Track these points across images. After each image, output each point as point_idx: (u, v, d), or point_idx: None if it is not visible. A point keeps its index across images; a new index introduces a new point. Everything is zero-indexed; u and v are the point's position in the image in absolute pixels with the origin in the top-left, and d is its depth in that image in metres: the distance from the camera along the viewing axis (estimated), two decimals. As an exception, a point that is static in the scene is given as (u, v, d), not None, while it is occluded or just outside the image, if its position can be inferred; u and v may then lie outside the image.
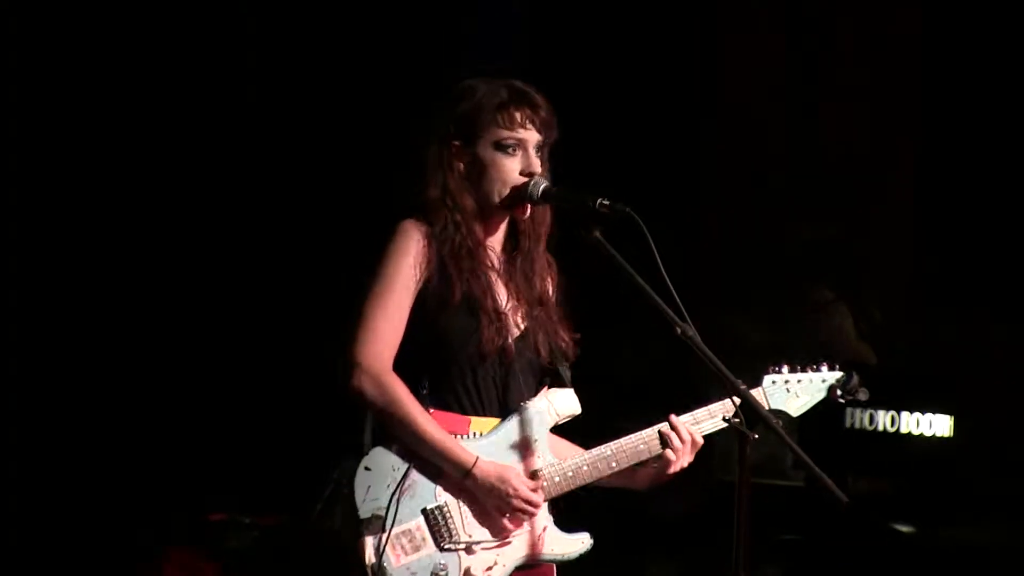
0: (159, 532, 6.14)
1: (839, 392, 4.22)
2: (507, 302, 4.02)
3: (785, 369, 4.18)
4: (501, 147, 3.98)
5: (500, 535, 3.94)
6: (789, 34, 8.18)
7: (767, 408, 4.10)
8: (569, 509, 4.07)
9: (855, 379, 4.22)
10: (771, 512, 6.66)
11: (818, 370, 4.22)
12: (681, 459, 4.03)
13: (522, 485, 3.91)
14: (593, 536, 4.05)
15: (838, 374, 4.23)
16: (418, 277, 3.92)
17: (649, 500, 7.14)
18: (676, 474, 4.06)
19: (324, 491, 3.91)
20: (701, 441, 4.06)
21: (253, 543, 6.03)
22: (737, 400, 3.80)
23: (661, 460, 4.05)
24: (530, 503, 3.92)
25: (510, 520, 3.93)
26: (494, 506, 3.91)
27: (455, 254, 3.94)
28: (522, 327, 4.02)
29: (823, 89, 8.08)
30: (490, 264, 4.02)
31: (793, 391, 4.19)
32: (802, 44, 8.13)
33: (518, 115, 3.98)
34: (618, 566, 6.85)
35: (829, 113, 8.09)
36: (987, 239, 7.57)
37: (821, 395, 4.23)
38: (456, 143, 3.99)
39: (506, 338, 3.96)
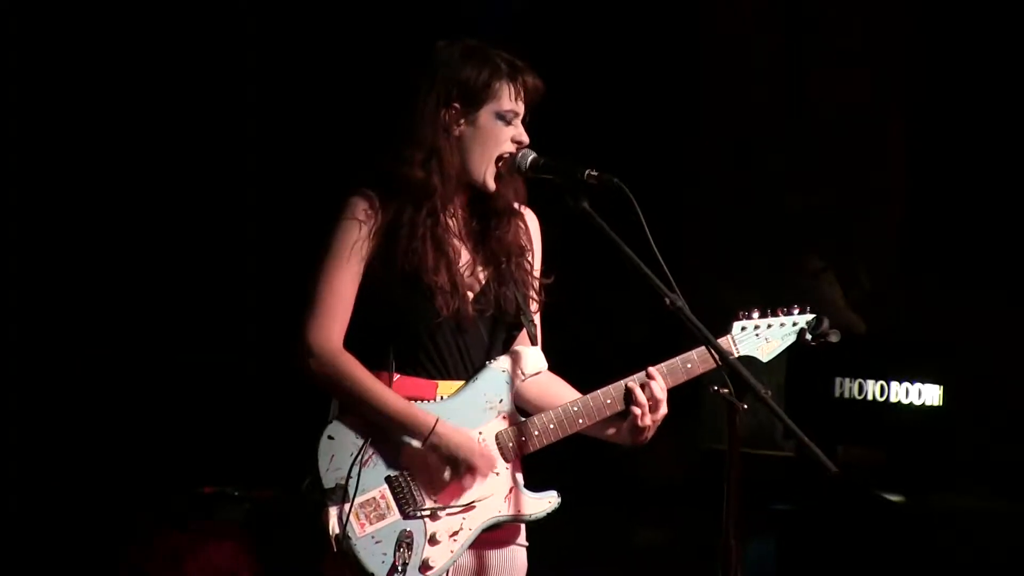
0: (150, 507, 6.15)
1: (809, 335, 4.11)
2: (465, 260, 4.00)
3: (755, 314, 4.10)
4: (502, 117, 3.98)
5: (465, 500, 3.94)
6: (780, 2, 8.17)
7: (736, 355, 4.04)
8: (554, 473, 4.07)
9: (826, 322, 4.15)
10: (761, 482, 6.68)
11: (788, 313, 4.13)
12: (645, 417, 3.97)
13: (480, 445, 3.92)
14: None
15: (808, 317, 4.13)
16: (368, 248, 3.91)
17: (639, 466, 7.21)
18: (649, 429, 4.01)
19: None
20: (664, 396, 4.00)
21: (244, 516, 6.04)
22: (721, 364, 3.79)
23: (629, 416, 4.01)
24: (489, 460, 3.92)
25: (471, 478, 3.92)
26: (457, 466, 3.90)
27: (415, 220, 3.92)
28: (482, 282, 4.01)
29: (814, 57, 8.08)
30: (452, 225, 4.00)
31: (763, 336, 4.11)
32: (794, 11, 8.11)
33: (523, 89, 3.99)
34: (611, 533, 6.89)
35: (820, 81, 8.09)
36: (978, 208, 7.58)
37: (791, 339, 4.13)
38: (456, 106, 3.99)
39: (462, 300, 3.95)
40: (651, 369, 4.02)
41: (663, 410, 4.00)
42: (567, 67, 6.87)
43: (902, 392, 6.83)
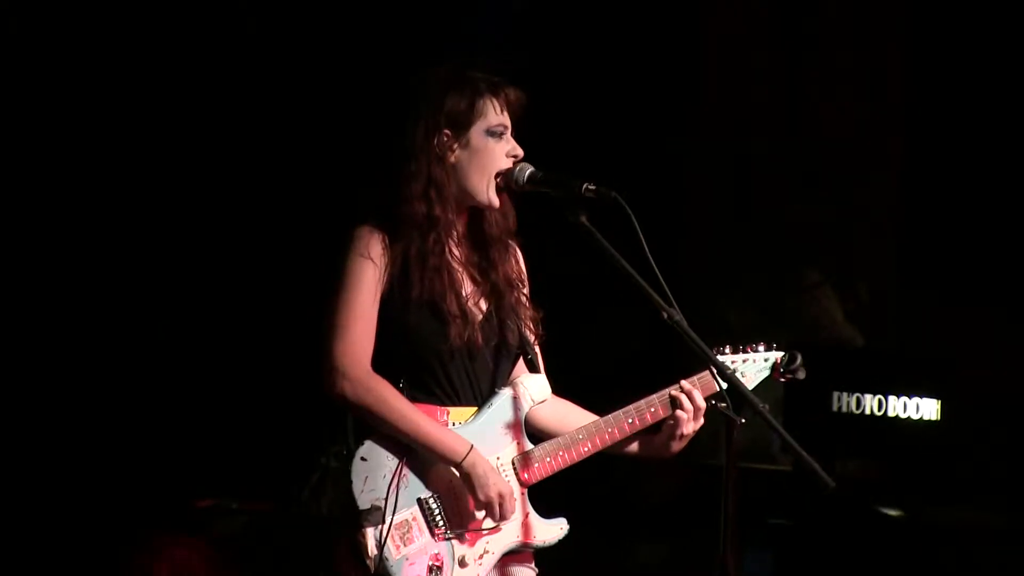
0: (147, 519, 6.14)
1: (781, 371, 4.25)
2: (469, 291, 4.04)
3: (727, 350, 4.21)
4: (493, 133, 4.00)
5: (489, 523, 3.96)
6: (775, 14, 8.17)
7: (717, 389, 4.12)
8: (558, 493, 4.09)
9: (798, 359, 4.24)
10: (759, 496, 6.67)
11: (757, 350, 4.25)
12: (688, 424, 4.06)
13: (502, 481, 3.95)
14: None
15: (779, 353, 4.26)
16: (380, 278, 3.95)
17: (635, 483, 7.20)
18: (686, 438, 4.08)
19: (312, 476, 3.92)
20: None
21: (242, 529, 6.02)
22: (723, 383, 3.83)
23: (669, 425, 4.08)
24: (509, 496, 3.95)
25: (487, 513, 3.94)
26: (479, 495, 3.92)
27: (423, 251, 3.96)
28: (484, 311, 4.04)
29: (809, 69, 8.07)
30: (454, 254, 4.03)
31: (739, 371, 4.21)
32: (789, 23, 8.12)
33: (506, 101, 4.02)
34: (608, 549, 6.87)
35: (815, 94, 8.08)
36: (976, 221, 7.57)
37: (764, 374, 4.26)
38: (447, 133, 3.99)
39: (473, 328, 3.98)
40: (684, 382, 4.06)
41: (700, 420, 4.05)
42: (565, 68, 6.88)
43: (900, 406, 6.81)
